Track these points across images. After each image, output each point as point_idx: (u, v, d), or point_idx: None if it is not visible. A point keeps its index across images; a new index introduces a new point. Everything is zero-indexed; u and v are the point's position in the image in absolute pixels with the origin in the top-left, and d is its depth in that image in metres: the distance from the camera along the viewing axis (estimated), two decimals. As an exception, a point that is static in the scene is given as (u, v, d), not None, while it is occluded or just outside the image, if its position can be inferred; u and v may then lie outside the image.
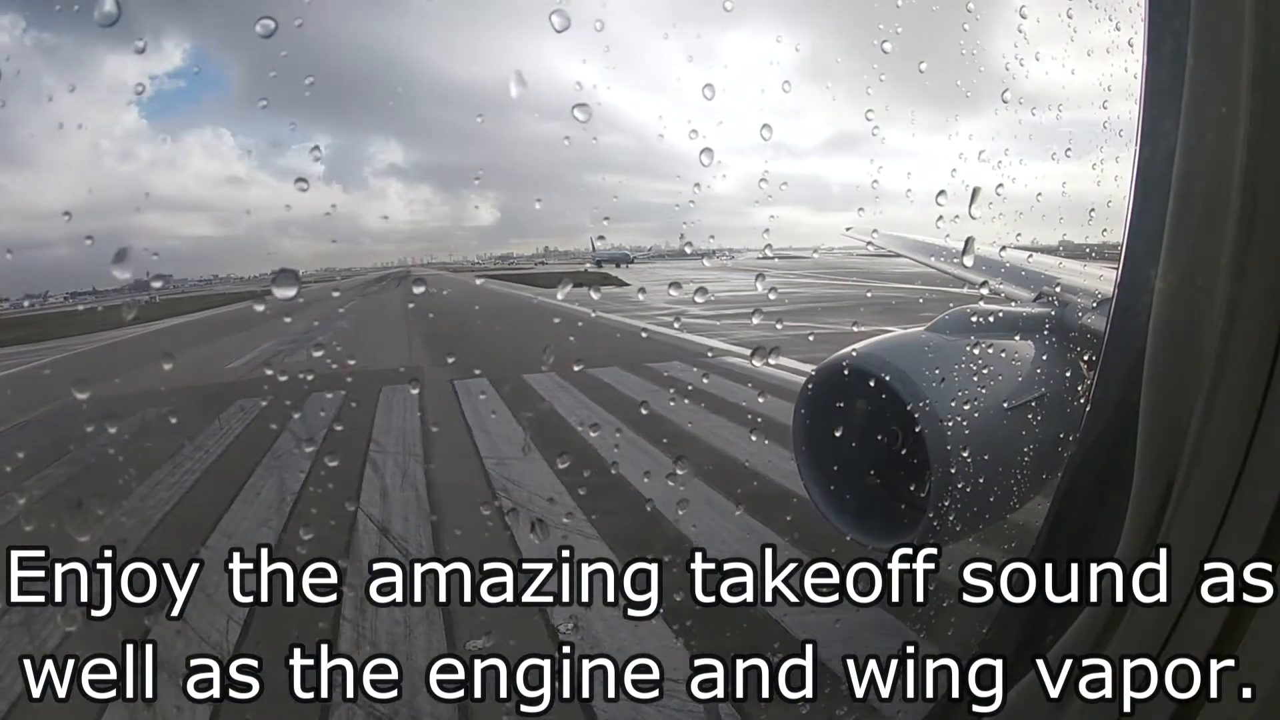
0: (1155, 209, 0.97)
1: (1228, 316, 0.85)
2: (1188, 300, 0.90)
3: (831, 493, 2.84)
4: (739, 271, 7.04)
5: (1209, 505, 0.89)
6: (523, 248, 30.60)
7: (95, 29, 1.36)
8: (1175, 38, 0.95)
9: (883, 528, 2.77)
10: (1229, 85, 0.85)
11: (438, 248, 22.72)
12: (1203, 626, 0.89)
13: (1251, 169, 0.83)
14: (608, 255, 26.67)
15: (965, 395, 2.50)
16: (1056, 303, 2.90)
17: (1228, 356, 0.86)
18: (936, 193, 2.22)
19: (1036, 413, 2.48)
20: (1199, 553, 0.89)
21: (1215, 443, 0.88)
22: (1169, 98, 0.95)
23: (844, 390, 2.74)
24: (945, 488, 2.40)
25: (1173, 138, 0.93)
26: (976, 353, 2.65)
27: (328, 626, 3.26)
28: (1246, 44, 0.83)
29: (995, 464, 2.46)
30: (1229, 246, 0.85)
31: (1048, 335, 2.74)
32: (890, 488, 2.83)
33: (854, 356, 2.67)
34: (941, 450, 2.40)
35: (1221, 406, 0.87)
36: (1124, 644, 0.96)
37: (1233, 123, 0.85)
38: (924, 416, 2.44)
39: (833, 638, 2.99)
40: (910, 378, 2.52)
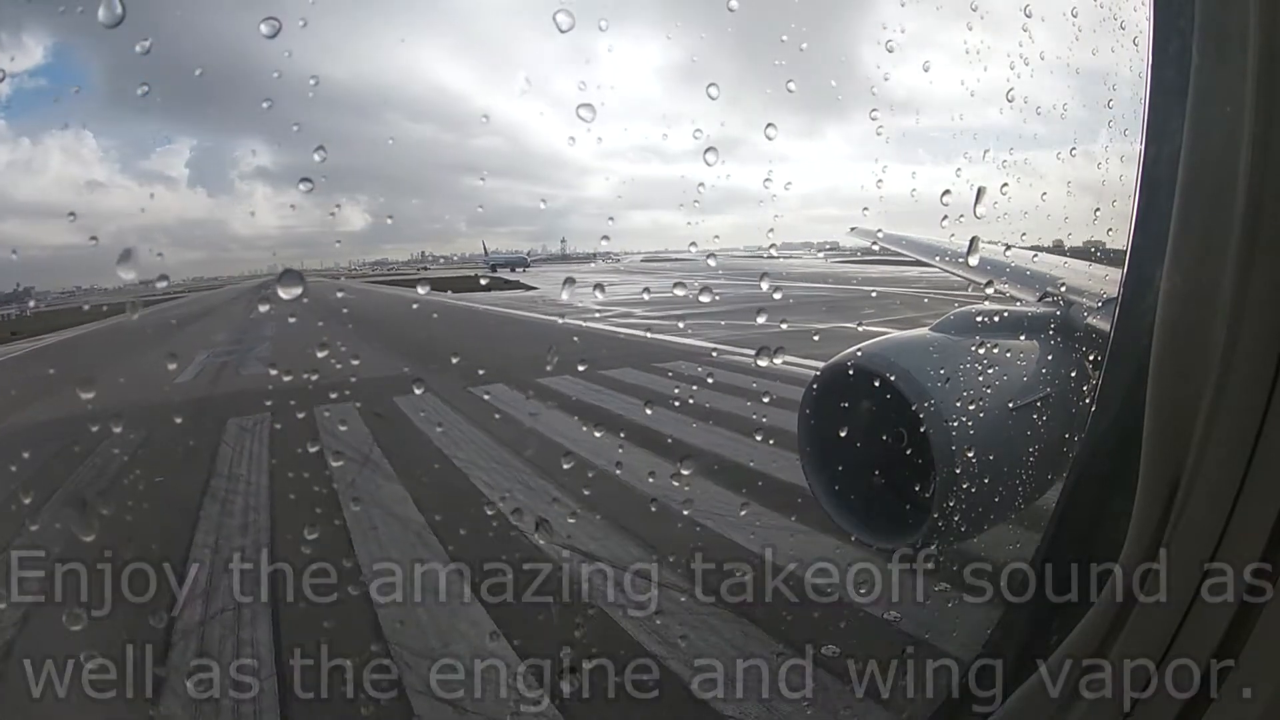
0: (1160, 209, 0.96)
1: (1233, 316, 0.85)
2: (1193, 300, 0.90)
3: (836, 493, 2.84)
4: (635, 273, 6.91)
5: (1214, 506, 0.88)
6: (397, 253, 29.49)
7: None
8: (1180, 37, 0.94)
9: (887, 528, 2.77)
10: (1234, 84, 0.85)
11: (309, 254, 20.92)
12: (1206, 628, 0.89)
13: (1256, 168, 0.83)
14: (503, 259, 25.54)
15: (970, 395, 2.50)
16: (1061, 303, 2.89)
17: (1233, 357, 0.85)
18: (941, 192, 2.21)
19: (1041, 413, 2.47)
20: (1203, 554, 0.89)
21: (1220, 443, 0.87)
22: (1174, 97, 0.95)
23: (849, 390, 2.73)
24: (950, 488, 2.40)
25: (1178, 137, 0.92)
26: (981, 353, 2.64)
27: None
28: (1251, 43, 0.83)
29: (1000, 464, 2.46)
30: (1234, 246, 0.84)
31: (1052, 335, 2.73)
32: (895, 488, 2.83)
33: (859, 356, 2.67)
34: (946, 450, 2.40)
35: (1227, 407, 0.86)
36: (1128, 645, 0.96)
37: (1238, 122, 0.84)
38: (929, 417, 2.44)
39: (835, 638, 2.98)
40: (915, 378, 2.52)
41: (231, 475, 5.62)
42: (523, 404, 7.50)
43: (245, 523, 4.71)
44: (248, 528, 4.63)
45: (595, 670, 2.77)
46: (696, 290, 10.82)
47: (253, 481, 5.48)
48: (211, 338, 12.26)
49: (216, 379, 9.64)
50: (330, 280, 13.84)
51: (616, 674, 1.76)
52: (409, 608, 3.33)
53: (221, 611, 3.47)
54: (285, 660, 3.09)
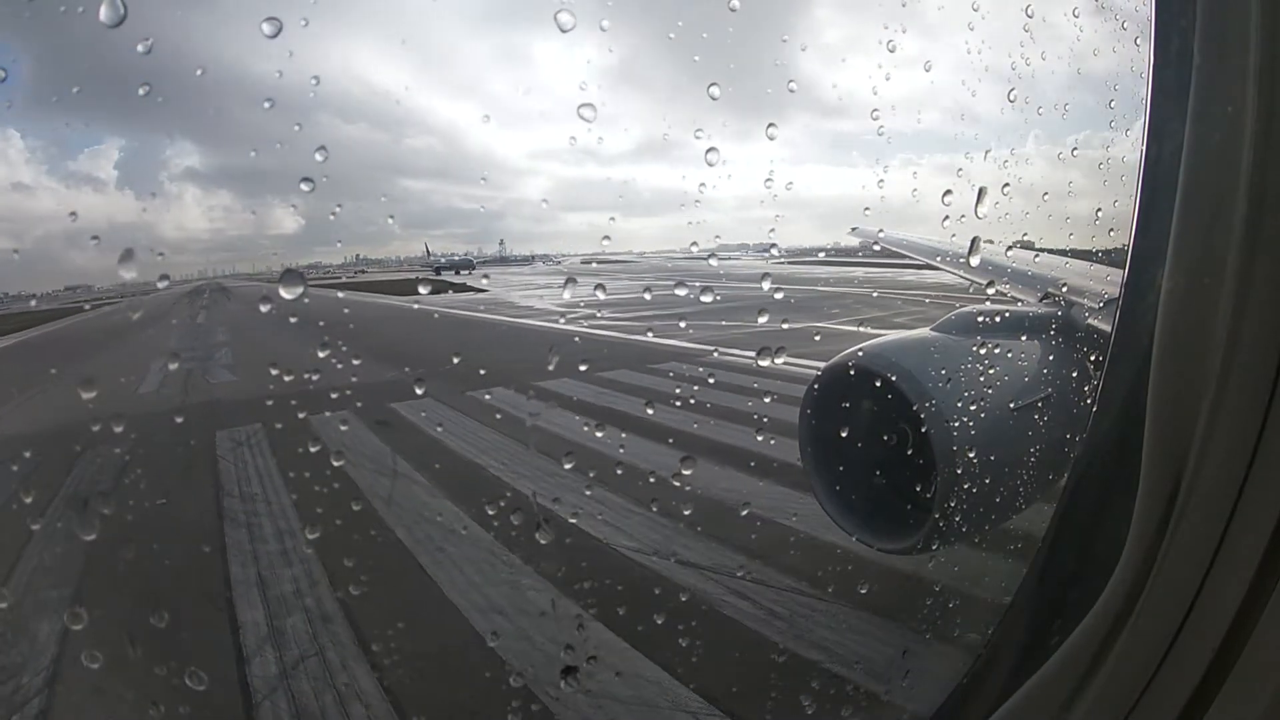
0: (1162, 209, 0.96)
1: (1234, 317, 0.85)
2: (1194, 301, 0.90)
3: (837, 493, 2.84)
4: (583, 275, 6.78)
5: (1215, 507, 0.88)
6: (331, 256, 27.49)
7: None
8: (1182, 36, 0.94)
9: (888, 528, 2.77)
10: (1236, 84, 0.85)
11: (239, 258, 19.65)
12: (1208, 629, 0.89)
13: (1259, 168, 0.83)
14: (448, 262, 24.73)
15: (971, 396, 2.50)
16: (1062, 303, 2.89)
17: (1234, 357, 0.85)
18: (943, 192, 2.21)
19: (1042, 414, 2.47)
20: (1205, 554, 0.89)
21: (1222, 444, 0.87)
22: (1176, 97, 0.95)
23: (850, 391, 2.74)
24: (951, 489, 2.40)
25: (1179, 137, 0.92)
26: (983, 353, 2.64)
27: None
28: (1253, 42, 0.83)
29: (1001, 465, 2.46)
30: (1236, 247, 0.84)
31: (1054, 336, 2.73)
32: (896, 488, 2.83)
33: (860, 356, 2.67)
34: (947, 451, 2.40)
35: (1228, 408, 0.86)
36: (1129, 646, 0.96)
37: (1240, 121, 0.84)
38: (930, 417, 2.44)
39: (837, 637, 2.99)
40: (916, 378, 2.52)
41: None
42: (524, 404, 7.46)
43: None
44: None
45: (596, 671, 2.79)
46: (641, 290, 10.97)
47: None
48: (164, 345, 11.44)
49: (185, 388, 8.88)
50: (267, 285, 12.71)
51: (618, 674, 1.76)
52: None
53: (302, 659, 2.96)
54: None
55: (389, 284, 20.08)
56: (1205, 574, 0.89)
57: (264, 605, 3.43)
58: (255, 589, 3.58)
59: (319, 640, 3.08)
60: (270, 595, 3.53)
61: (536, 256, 16.64)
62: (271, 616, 3.31)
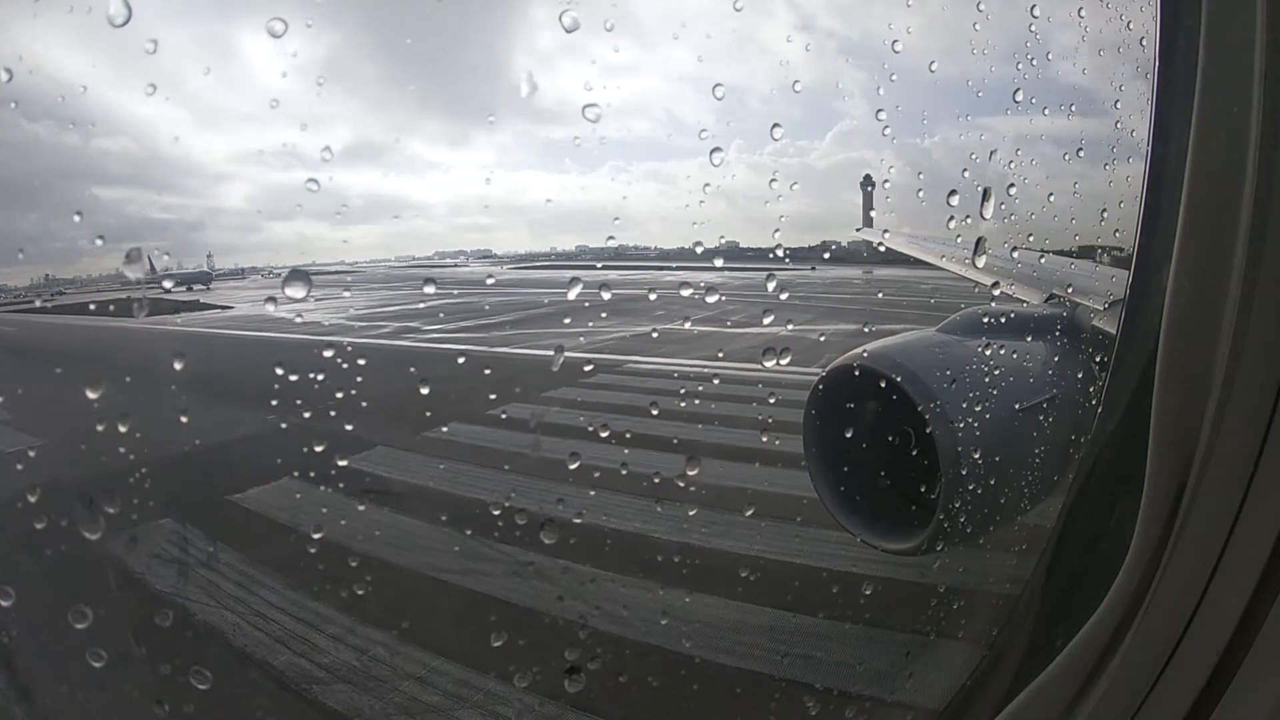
0: (1167, 210, 0.96)
1: (1240, 318, 0.85)
2: (1200, 302, 0.90)
3: (842, 494, 2.84)
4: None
5: (1221, 508, 0.88)
6: (13, 278, 17.96)
7: None
8: (1187, 37, 0.94)
9: (893, 529, 2.77)
10: (1241, 85, 0.85)
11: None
12: (1213, 629, 0.89)
13: (1264, 169, 0.83)
14: (184, 276, 22.17)
15: (976, 397, 2.49)
16: (1068, 304, 2.89)
17: (1240, 358, 0.85)
18: (948, 193, 2.21)
19: (1047, 414, 2.47)
20: (1210, 555, 0.89)
21: (1227, 445, 0.87)
22: (1181, 97, 0.95)
23: (855, 391, 2.73)
24: (956, 489, 2.40)
25: (1185, 137, 0.92)
26: (988, 354, 2.64)
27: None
28: (1258, 42, 0.83)
29: (1006, 465, 2.45)
30: (1241, 247, 0.84)
31: (1059, 337, 2.72)
32: (900, 489, 2.83)
33: (865, 357, 2.67)
34: (952, 451, 2.40)
35: (1233, 408, 0.86)
36: (1134, 646, 0.96)
37: (1245, 122, 0.84)
38: (935, 418, 2.44)
39: (841, 637, 2.98)
40: (921, 379, 2.52)
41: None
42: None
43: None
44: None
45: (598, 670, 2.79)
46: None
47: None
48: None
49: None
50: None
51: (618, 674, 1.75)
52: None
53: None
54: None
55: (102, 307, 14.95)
56: (1211, 575, 0.88)
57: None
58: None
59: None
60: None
61: (246, 270, 14.98)
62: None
